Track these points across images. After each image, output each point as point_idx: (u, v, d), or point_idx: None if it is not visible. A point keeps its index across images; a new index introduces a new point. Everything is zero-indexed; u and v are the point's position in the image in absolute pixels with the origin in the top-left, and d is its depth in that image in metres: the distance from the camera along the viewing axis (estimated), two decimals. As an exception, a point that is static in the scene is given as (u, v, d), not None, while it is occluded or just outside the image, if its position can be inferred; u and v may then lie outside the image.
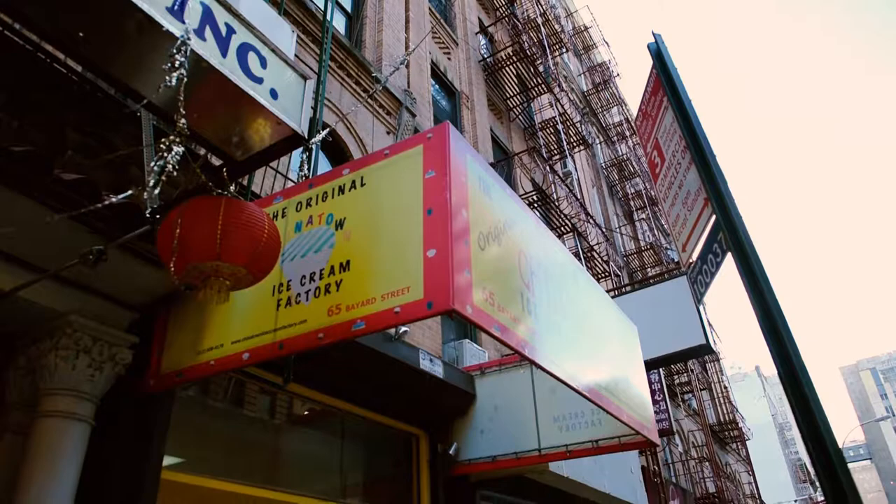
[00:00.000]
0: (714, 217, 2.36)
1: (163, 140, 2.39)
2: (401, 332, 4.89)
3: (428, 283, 2.59)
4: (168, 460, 3.51)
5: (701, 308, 7.37)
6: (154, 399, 3.48)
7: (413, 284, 2.63)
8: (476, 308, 2.65)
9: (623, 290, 10.42)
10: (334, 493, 5.05)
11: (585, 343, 3.85)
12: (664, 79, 3.05)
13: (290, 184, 4.76)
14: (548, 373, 3.19)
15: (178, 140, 2.31)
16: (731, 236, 2.19)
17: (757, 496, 22.59)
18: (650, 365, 7.13)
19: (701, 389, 18.82)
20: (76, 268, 3.10)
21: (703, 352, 7.70)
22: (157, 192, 2.65)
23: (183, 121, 2.25)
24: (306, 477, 4.95)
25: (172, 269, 2.43)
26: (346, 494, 5.22)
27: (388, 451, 5.84)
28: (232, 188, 2.66)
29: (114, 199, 2.94)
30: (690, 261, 2.73)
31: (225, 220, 2.39)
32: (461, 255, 2.65)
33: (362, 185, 3.10)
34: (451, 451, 5.58)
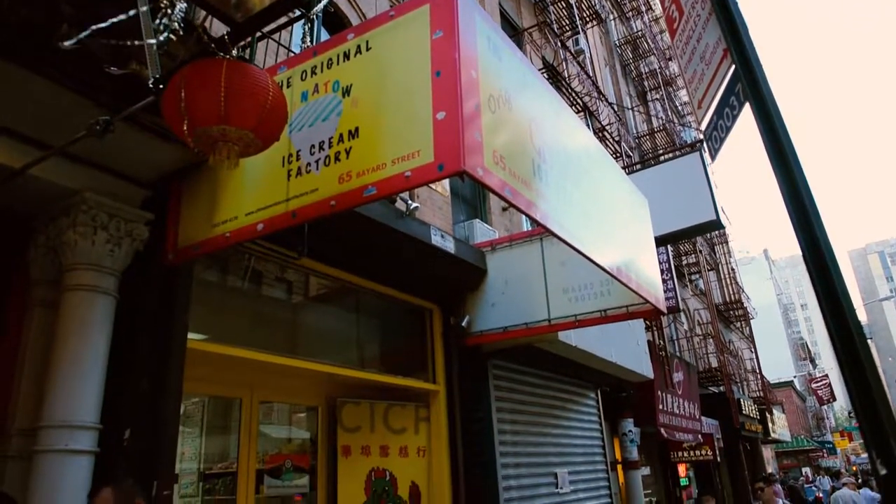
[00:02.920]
0: (733, 67, 2.28)
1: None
2: (412, 207, 4.93)
3: (438, 146, 2.56)
4: (191, 334, 3.65)
5: (712, 183, 7.32)
6: (174, 272, 3.57)
7: (423, 148, 2.61)
8: (486, 170, 2.64)
9: (634, 168, 10.32)
10: (352, 363, 5.30)
11: (596, 212, 3.87)
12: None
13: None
14: (557, 237, 3.23)
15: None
16: (750, 85, 2.12)
17: (758, 371, 23.49)
18: (660, 241, 7.19)
19: (708, 270, 19.10)
20: (86, 144, 3.10)
21: (713, 227, 7.74)
22: (157, 57, 2.59)
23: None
24: (325, 348, 5.18)
25: (183, 134, 2.41)
26: (364, 365, 5.47)
27: (403, 324, 6.06)
28: (234, 52, 2.58)
29: (115, 71, 2.90)
30: (706, 118, 2.67)
31: (228, 83, 2.34)
32: (471, 117, 2.61)
33: (367, 49, 3.00)
34: (463, 324, 5.78)
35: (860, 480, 18.17)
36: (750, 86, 2.13)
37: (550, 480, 6.73)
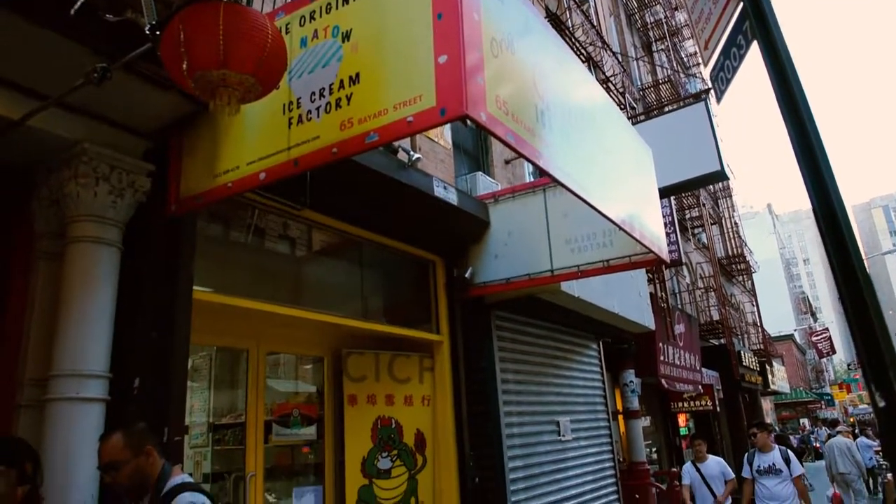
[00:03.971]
0: (741, 5, 2.22)
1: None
2: (414, 158, 4.89)
3: (440, 90, 2.52)
4: (197, 286, 3.67)
5: (717, 134, 7.24)
6: (177, 224, 3.58)
7: (425, 92, 2.57)
8: (489, 115, 2.60)
9: (638, 119, 10.20)
10: (357, 315, 5.35)
11: (601, 160, 3.84)
12: None
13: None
14: (561, 185, 3.21)
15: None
16: (758, 23, 2.07)
17: (759, 324, 23.69)
18: (663, 193, 7.15)
19: (711, 224, 19.07)
20: (85, 95, 3.07)
21: (718, 178, 7.70)
22: (153, 4, 2.55)
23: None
24: (329, 301, 5.22)
25: (182, 79, 2.38)
26: (368, 316, 5.53)
27: (407, 276, 6.10)
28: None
29: (111, 18, 2.84)
30: (712, 59, 2.62)
31: (226, 26, 2.30)
32: (474, 60, 2.56)
33: (367, -8, 2.94)
34: (466, 275, 5.81)
35: (857, 430, 18.50)
36: (758, 23, 2.08)
37: (553, 428, 6.87)
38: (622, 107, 11.40)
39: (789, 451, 6.93)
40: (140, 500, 2.48)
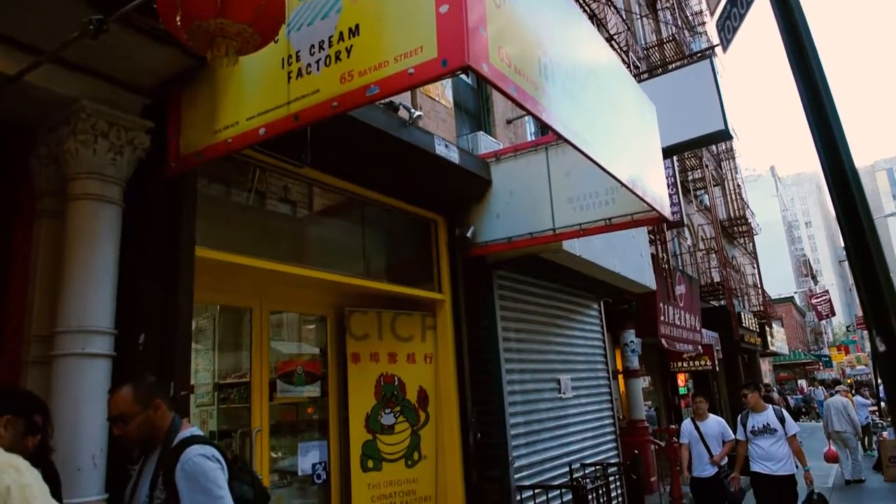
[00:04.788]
0: (749, -51, 2.17)
1: None
2: (415, 116, 4.85)
3: (442, 41, 2.48)
4: (199, 246, 3.67)
5: (721, 91, 7.15)
6: (178, 181, 3.56)
7: (426, 43, 2.53)
8: (492, 67, 2.57)
9: (642, 77, 10.06)
10: (359, 274, 5.37)
11: (605, 116, 3.79)
12: None
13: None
14: (564, 139, 3.19)
15: None
16: (767, -33, 2.03)
17: (759, 286, 23.77)
18: (667, 152, 7.10)
19: (714, 185, 18.98)
20: (83, 51, 3.03)
21: (722, 137, 7.64)
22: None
23: None
24: (332, 260, 5.23)
25: (177, 30, 2.34)
26: (371, 275, 5.54)
27: (408, 235, 6.10)
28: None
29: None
30: (719, 6, 2.56)
31: (223, -26, 2.25)
32: (476, 10, 2.51)
33: (366, -60, 2.86)
34: (468, 234, 5.80)
35: (854, 391, 18.77)
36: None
37: (554, 386, 6.96)
38: (626, 66, 11.23)
39: (783, 410, 6.78)
40: (150, 452, 2.52)
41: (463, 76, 7.45)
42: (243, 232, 4.61)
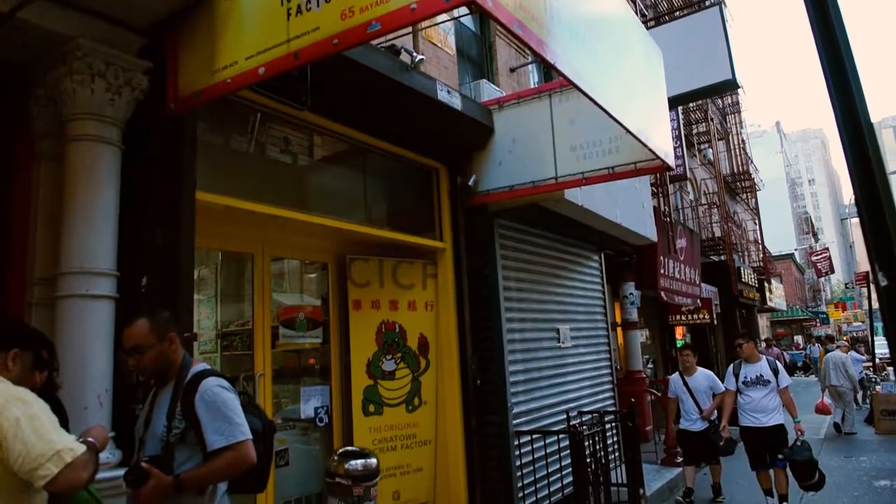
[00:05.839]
0: None
1: None
2: (417, 60, 4.76)
3: (445, -26, 2.42)
4: (200, 191, 3.64)
5: (730, 40, 7.01)
6: (178, 122, 3.52)
7: (429, -23, 2.46)
8: (496, 2, 2.51)
9: (648, 25, 9.84)
10: (361, 221, 5.36)
11: (609, 58, 3.72)
12: None
13: None
14: (569, 80, 3.14)
15: None
16: None
17: (760, 242, 23.76)
18: (673, 102, 7.01)
19: (718, 140, 18.78)
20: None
21: (729, 87, 7.52)
22: None
23: None
24: (333, 207, 5.20)
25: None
26: (372, 223, 5.53)
27: (410, 183, 6.06)
28: None
29: None
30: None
31: None
32: (480, -58, 2.43)
33: None
34: (469, 183, 5.77)
35: (850, 347, 18.98)
36: None
37: (553, 335, 7.03)
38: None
39: (777, 362, 6.67)
40: (163, 385, 2.56)
41: (466, 22, 7.29)
42: (245, 178, 4.58)
